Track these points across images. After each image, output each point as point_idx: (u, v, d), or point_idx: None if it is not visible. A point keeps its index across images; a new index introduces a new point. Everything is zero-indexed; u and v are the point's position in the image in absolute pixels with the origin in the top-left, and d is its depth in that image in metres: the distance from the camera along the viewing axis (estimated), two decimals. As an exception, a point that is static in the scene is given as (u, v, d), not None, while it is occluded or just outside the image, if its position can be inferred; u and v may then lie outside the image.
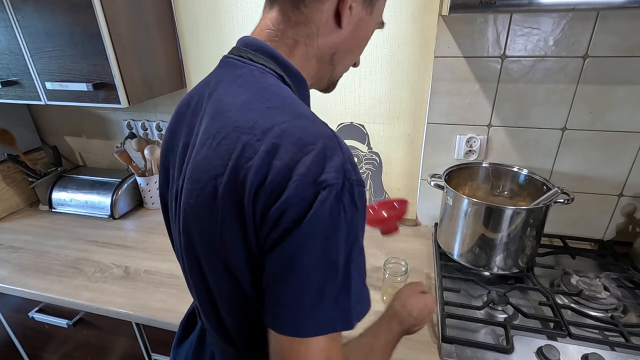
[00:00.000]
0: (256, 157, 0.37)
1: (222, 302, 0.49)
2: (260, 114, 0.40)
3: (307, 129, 0.39)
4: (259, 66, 0.46)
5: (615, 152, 1.00)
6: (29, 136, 1.50)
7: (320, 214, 0.35)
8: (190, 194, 0.44)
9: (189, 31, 1.18)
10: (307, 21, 0.46)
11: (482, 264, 0.94)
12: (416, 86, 1.08)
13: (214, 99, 0.46)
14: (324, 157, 0.37)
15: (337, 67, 0.53)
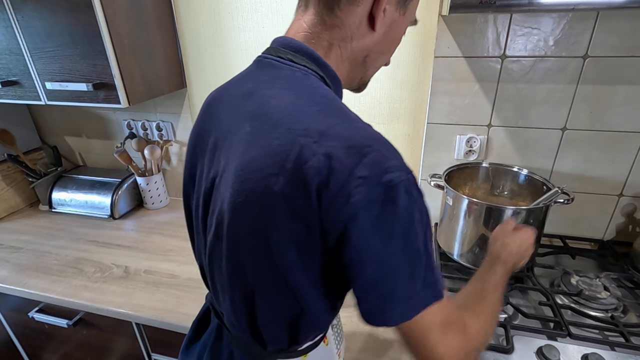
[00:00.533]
0: (314, 159, 0.37)
1: (262, 303, 0.48)
2: (312, 116, 0.41)
3: (359, 131, 0.40)
4: (300, 67, 0.46)
5: (615, 152, 1.00)
6: (29, 136, 1.50)
7: (398, 213, 0.38)
8: (239, 193, 0.43)
9: (189, 31, 1.18)
10: (342, 24, 0.47)
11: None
12: (416, 86, 1.08)
13: (256, 100, 0.45)
14: (383, 158, 0.38)
15: (369, 68, 0.54)
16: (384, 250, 0.38)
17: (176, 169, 1.47)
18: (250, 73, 0.51)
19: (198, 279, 1.03)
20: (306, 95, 0.44)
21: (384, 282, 0.39)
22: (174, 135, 1.39)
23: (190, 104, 1.29)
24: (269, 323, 0.50)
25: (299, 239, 0.41)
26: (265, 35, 1.11)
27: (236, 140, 0.45)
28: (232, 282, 0.50)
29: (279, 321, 0.50)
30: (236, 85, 0.51)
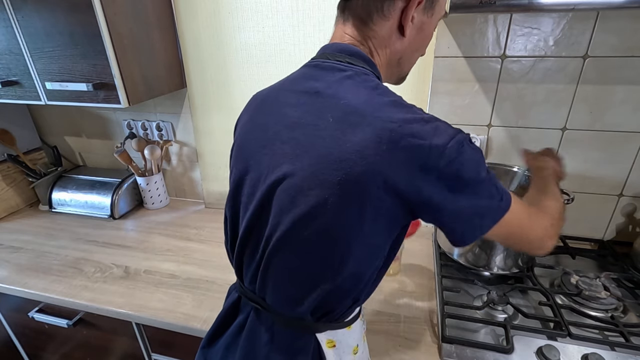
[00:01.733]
0: (404, 140, 0.45)
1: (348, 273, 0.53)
2: (389, 106, 0.48)
3: (422, 114, 0.49)
4: (360, 68, 0.53)
5: (615, 152, 1.00)
6: (29, 136, 1.50)
7: (469, 161, 0.47)
8: (335, 174, 0.48)
9: (189, 31, 1.18)
10: (376, 35, 0.55)
11: (482, 264, 0.94)
12: (416, 86, 1.08)
13: (330, 96, 0.51)
14: (446, 126, 0.48)
15: (405, 66, 0.63)
16: (470, 190, 0.48)
17: (176, 169, 1.47)
18: (309, 75, 0.56)
19: (198, 279, 1.04)
20: (374, 90, 0.50)
21: (476, 208, 0.49)
22: (174, 135, 1.39)
23: (190, 104, 1.29)
24: (345, 293, 0.55)
25: (390, 208, 0.48)
26: (266, 35, 1.11)
27: (316, 130, 0.50)
28: (319, 258, 0.52)
29: (353, 291, 0.55)
30: (295, 85, 0.56)
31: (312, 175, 0.49)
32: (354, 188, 0.47)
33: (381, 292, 0.94)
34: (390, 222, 0.51)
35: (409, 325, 0.84)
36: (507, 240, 0.56)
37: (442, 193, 0.47)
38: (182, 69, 1.24)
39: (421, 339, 0.80)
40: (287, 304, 0.57)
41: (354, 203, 0.48)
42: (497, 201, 0.51)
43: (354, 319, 0.62)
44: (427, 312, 0.88)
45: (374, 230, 0.50)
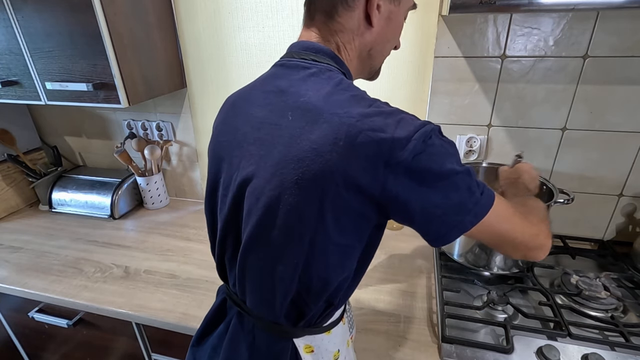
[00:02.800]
0: (362, 135, 0.44)
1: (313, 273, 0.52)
2: (348, 102, 0.47)
3: (387, 107, 0.48)
4: (325, 65, 0.53)
5: (615, 152, 1.00)
6: (29, 136, 1.50)
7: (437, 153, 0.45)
8: (294, 173, 0.47)
9: (189, 31, 1.18)
10: (343, 28, 0.54)
11: (482, 264, 0.94)
12: (416, 86, 1.08)
13: (292, 94, 0.51)
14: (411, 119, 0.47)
15: (377, 58, 0.60)
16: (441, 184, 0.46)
17: (176, 169, 1.47)
18: (276, 74, 0.56)
19: (198, 279, 1.04)
20: (337, 86, 0.50)
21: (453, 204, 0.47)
22: (174, 135, 1.39)
23: (190, 104, 1.29)
24: (316, 296, 0.54)
25: (354, 206, 0.47)
26: (266, 35, 1.11)
27: (277, 130, 0.50)
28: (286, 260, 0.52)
29: (324, 293, 0.54)
30: (263, 85, 0.56)
31: (273, 176, 0.48)
32: (312, 187, 0.46)
33: (381, 292, 0.94)
34: (357, 221, 0.49)
35: (409, 325, 0.84)
36: (493, 241, 0.53)
37: (409, 189, 0.45)
38: (182, 69, 1.24)
39: (421, 339, 0.80)
40: (262, 307, 0.57)
41: (313, 202, 0.47)
42: (477, 196, 0.48)
43: (334, 323, 0.61)
44: (427, 312, 0.88)
45: (339, 230, 0.49)
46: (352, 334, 0.70)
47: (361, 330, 0.83)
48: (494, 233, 0.51)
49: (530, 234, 0.53)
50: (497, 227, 0.50)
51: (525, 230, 0.52)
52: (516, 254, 0.55)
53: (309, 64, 0.53)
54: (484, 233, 0.50)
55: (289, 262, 0.51)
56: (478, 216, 0.48)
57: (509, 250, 0.54)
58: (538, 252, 0.55)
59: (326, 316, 0.58)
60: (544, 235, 0.55)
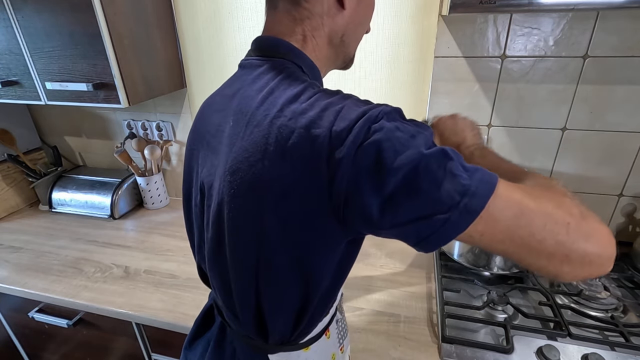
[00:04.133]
0: (294, 135, 0.39)
1: (269, 291, 0.49)
2: (287, 98, 0.42)
3: (330, 97, 0.41)
4: (279, 60, 0.48)
5: (615, 152, 1.00)
6: (29, 136, 1.50)
7: (391, 138, 0.36)
8: (231, 185, 0.44)
9: (189, 31, 1.18)
10: (311, 15, 0.48)
11: (482, 264, 0.94)
12: (416, 86, 1.08)
13: (239, 97, 0.47)
14: (355, 106, 0.39)
15: (350, 44, 0.54)
16: (401, 175, 0.35)
17: (176, 169, 1.47)
18: (236, 76, 0.53)
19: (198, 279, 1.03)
20: (281, 81, 0.45)
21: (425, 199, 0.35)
22: (174, 135, 1.39)
23: (190, 104, 1.29)
24: (274, 313, 0.51)
25: (301, 218, 0.41)
26: (265, 35, 1.11)
27: (224, 137, 0.47)
28: (237, 275, 0.50)
29: (284, 310, 0.50)
30: (225, 89, 0.53)
31: (219, 189, 0.46)
32: (249, 200, 0.42)
33: (381, 292, 0.94)
34: (312, 233, 0.42)
35: (409, 325, 0.84)
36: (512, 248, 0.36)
37: (364, 189, 0.37)
38: (182, 69, 1.24)
39: (421, 339, 0.80)
40: (232, 320, 0.56)
41: (252, 216, 0.43)
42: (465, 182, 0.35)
43: (313, 340, 0.58)
44: (427, 312, 0.88)
45: (288, 243, 0.43)
46: (343, 344, 0.66)
47: (361, 330, 0.83)
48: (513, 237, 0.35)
49: (579, 234, 0.35)
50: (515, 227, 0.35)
51: (565, 227, 0.35)
52: (563, 269, 0.36)
53: (261, 62, 0.49)
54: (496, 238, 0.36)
55: (239, 277, 0.49)
56: (471, 211, 0.35)
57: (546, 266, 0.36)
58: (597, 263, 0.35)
59: (300, 334, 0.55)
60: (600, 233, 0.36)
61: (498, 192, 0.35)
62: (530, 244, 0.35)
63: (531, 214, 0.35)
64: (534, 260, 0.36)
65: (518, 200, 0.36)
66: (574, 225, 0.35)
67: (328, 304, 0.55)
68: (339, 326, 0.64)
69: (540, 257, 0.35)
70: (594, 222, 0.37)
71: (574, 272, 0.36)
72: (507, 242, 0.36)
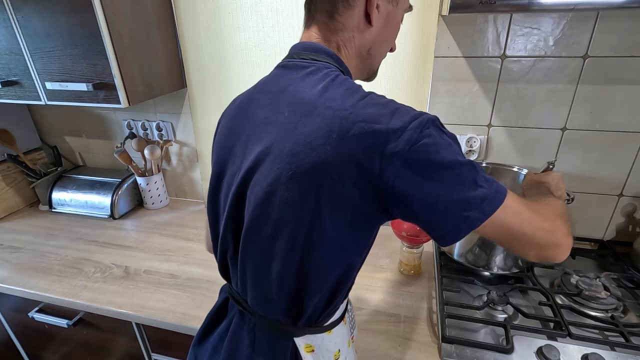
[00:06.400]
0: (355, 127, 0.44)
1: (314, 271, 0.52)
2: (342, 95, 0.48)
3: (381, 99, 0.48)
4: (323, 63, 0.54)
5: (615, 152, 1.00)
6: (29, 136, 1.50)
7: (436, 143, 0.44)
8: (289, 167, 0.47)
9: (189, 31, 1.18)
10: (344, 27, 0.55)
11: (482, 264, 0.94)
12: (416, 86, 1.08)
13: (291, 92, 0.52)
14: (408, 109, 0.47)
15: (375, 58, 0.62)
16: (442, 176, 0.44)
17: (176, 169, 1.47)
18: (277, 75, 0.57)
19: (198, 279, 1.04)
20: (332, 81, 0.50)
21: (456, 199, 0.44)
22: (174, 135, 1.39)
23: (190, 104, 1.29)
24: (313, 294, 0.53)
25: (351, 201, 0.46)
26: (265, 35, 1.11)
27: (276, 126, 0.50)
28: (283, 255, 0.51)
29: (321, 291, 0.54)
30: (265, 87, 0.57)
31: (270, 171, 0.49)
32: (307, 181, 0.46)
33: (381, 292, 0.94)
34: (357, 216, 0.48)
35: (409, 325, 0.84)
36: (502, 239, 0.50)
37: (408, 181, 0.43)
38: (182, 69, 1.24)
39: (421, 339, 0.80)
40: (262, 305, 0.57)
41: (309, 196, 0.46)
42: (485, 191, 0.45)
43: (335, 323, 0.61)
44: (427, 312, 0.88)
45: (337, 225, 0.48)
46: (354, 334, 0.70)
47: (361, 330, 0.83)
48: (504, 231, 0.47)
49: (545, 230, 0.49)
50: (507, 224, 0.47)
51: (538, 226, 0.48)
52: (530, 253, 0.50)
53: (308, 63, 0.54)
54: (492, 231, 0.47)
55: (284, 257, 0.51)
56: (486, 212, 0.45)
57: (520, 249, 0.50)
58: (554, 251, 0.50)
59: (327, 315, 0.58)
60: (562, 233, 0.50)
61: (505, 200, 0.46)
62: (516, 236, 0.48)
63: (523, 219, 0.48)
64: (516, 245, 0.50)
65: (517, 209, 0.48)
66: (547, 225, 0.49)
67: (350, 284, 0.59)
68: (349, 316, 0.68)
69: (520, 244, 0.49)
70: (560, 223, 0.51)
71: (537, 254, 0.50)
72: (501, 234, 0.48)
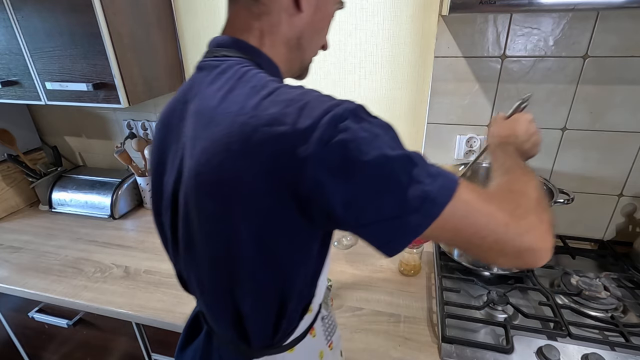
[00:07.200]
0: (257, 133, 0.38)
1: (245, 293, 0.48)
2: (246, 95, 0.41)
3: (291, 93, 0.40)
4: (236, 59, 0.48)
5: (615, 152, 1.00)
6: (29, 136, 1.50)
7: (358, 137, 0.37)
8: (198, 188, 0.44)
9: (189, 31, 1.18)
10: (269, 11, 0.48)
11: (482, 264, 0.94)
12: (416, 86, 1.08)
13: (197, 99, 0.47)
14: (320, 102, 0.38)
15: (306, 50, 0.54)
16: (366, 176, 0.37)
17: (176, 169, 1.47)
18: (192, 79, 0.52)
19: (198, 279, 1.04)
20: (240, 79, 0.44)
21: (387, 202, 0.37)
22: (174, 135, 1.39)
23: (190, 104, 1.29)
24: (253, 315, 0.50)
25: (270, 215, 0.41)
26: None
27: (187, 140, 0.46)
28: (212, 278, 0.50)
29: (263, 312, 0.50)
30: (182, 95, 0.52)
31: (186, 196, 0.46)
32: (217, 203, 0.42)
33: (381, 292, 0.94)
34: (282, 233, 0.42)
35: (409, 325, 0.84)
36: (460, 245, 0.42)
37: (329, 187, 0.37)
38: (182, 69, 1.24)
39: (421, 339, 0.80)
40: (215, 324, 0.56)
41: (222, 219, 0.43)
42: (428, 188, 0.37)
43: (297, 340, 0.57)
44: (427, 312, 0.88)
45: (260, 246, 0.43)
46: (332, 340, 0.65)
47: (361, 330, 0.83)
48: (458, 235, 0.39)
49: (513, 231, 0.40)
50: (461, 226, 0.39)
51: (502, 226, 0.39)
52: (498, 260, 0.42)
53: (219, 62, 0.48)
54: (444, 235, 0.40)
55: (215, 280, 0.49)
56: (430, 215, 0.37)
57: (484, 256, 0.41)
58: (529, 256, 0.40)
59: (282, 336, 0.54)
60: (537, 232, 0.41)
61: (455, 196, 0.38)
62: (473, 240, 0.40)
63: (478, 215, 0.39)
64: (476, 251, 0.41)
65: (471, 204, 0.39)
66: (512, 225, 0.40)
67: (308, 302, 0.54)
68: (324, 323, 0.63)
69: (481, 250, 0.41)
70: (534, 219, 0.42)
71: (508, 262, 0.41)
72: (456, 237, 0.40)
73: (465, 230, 0.39)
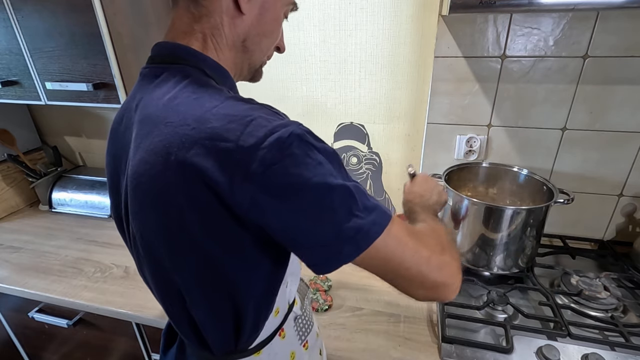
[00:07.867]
0: (197, 146, 0.37)
1: (195, 302, 0.49)
2: (188, 105, 0.40)
3: (237, 107, 0.40)
4: (178, 66, 0.47)
5: (615, 152, 1.00)
6: (29, 136, 1.50)
7: (301, 163, 0.37)
8: (136, 199, 0.44)
9: (189, 31, 1.18)
10: (209, 13, 0.47)
11: (482, 264, 0.94)
12: (416, 86, 1.08)
13: (140, 108, 0.46)
14: (266, 121, 0.38)
15: (254, 53, 0.53)
16: (306, 203, 0.38)
17: (176, 169, 1.47)
18: (136, 86, 0.51)
19: (198, 279, 1.04)
20: (182, 88, 0.43)
21: (324, 230, 0.39)
22: (174, 135, 1.39)
23: (190, 104, 1.29)
24: (208, 323, 0.50)
25: (205, 226, 0.41)
26: (265, 35, 1.11)
27: (130, 151, 0.46)
28: (161, 290, 0.50)
29: (218, 320, 0.50)
30: (129, 102, 0.51)
31: (131, 207, 0.46)
32: (155, 214, 0.42)
33: (381, 292, 0.94)
34: (230, 246, 0.42)
35: (409, 325, 0.84)
36: (385, 276, 0.45)
37: (267, 209, 0.38)
38: (182, 69, 1.24)
39: (421, 339, 0.80)
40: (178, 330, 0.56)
41: (161, 229, 0.43)
42: (361, 222, 0.40)
43: (264, 343, 0.56)
44: (427, 312, 0.88)
45: (208, 257, 0.43)
46: (306, 340, 0.64)
47: (361, 330, 0.83)
48: (384, 265, 0.43)
49: (435, 266, 0.44)
50: (387, 257, 0.42)
51: (424, 261, 0.43)
52: (416, 292, 0.45)
53: (161, 69, 0.48)
54: (371, 264, 0.43)
55: (166, 292, 0.50)
56: (360, 247, 0.40)
57: (405, 287, 0.45)
58: (443, 290, 0.45)
59: (246, 341, 0.53)
60: (450, 269, 0.46)
61: (386, 230, 0.41)
62: (399, 270, 0.43)
63: (405, 249, 0.43)
64: (401, 282, 0.45)
65: (400, 238, 0.43)
66: (433, 259, 0.44)
67: (269, 309, 0.53)
68: (297, 323, 0.62)
69: (405, 280, 0.44)
70: (449, 258, 0.46)
71: (426, 295, 0.46)
72: (384, 267, 0.43)
73: (392, 261, 0.42)
